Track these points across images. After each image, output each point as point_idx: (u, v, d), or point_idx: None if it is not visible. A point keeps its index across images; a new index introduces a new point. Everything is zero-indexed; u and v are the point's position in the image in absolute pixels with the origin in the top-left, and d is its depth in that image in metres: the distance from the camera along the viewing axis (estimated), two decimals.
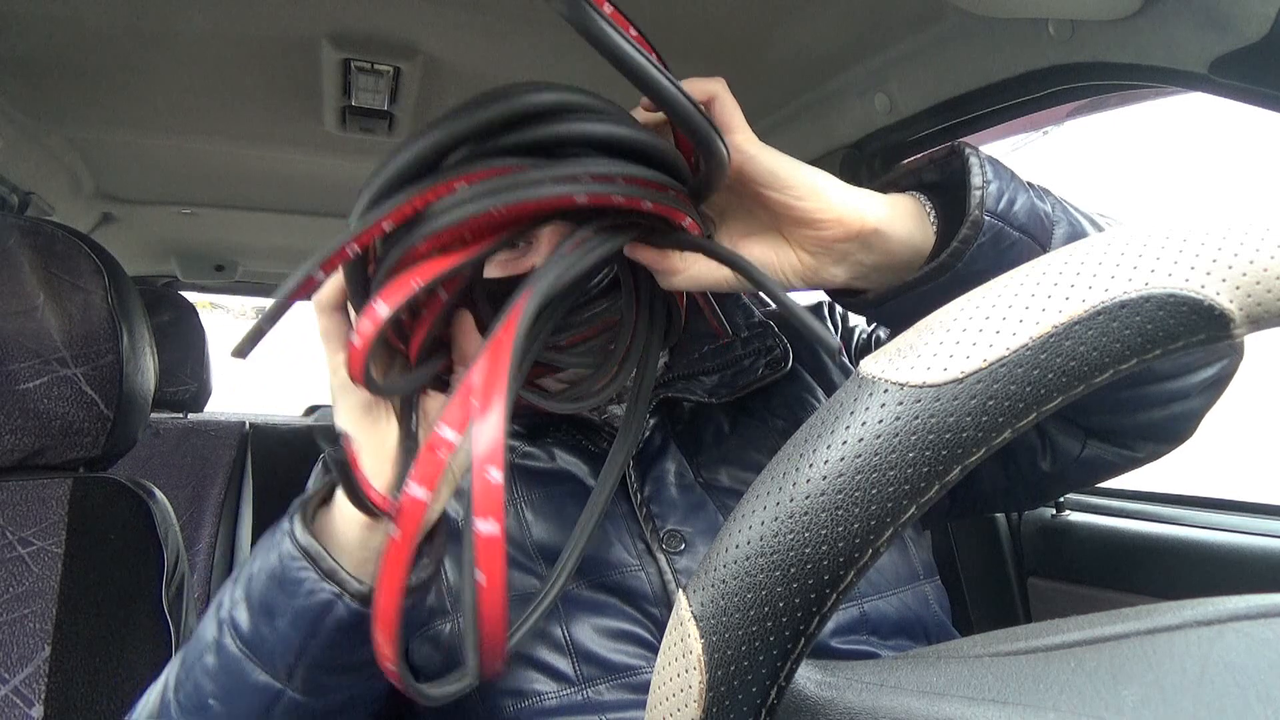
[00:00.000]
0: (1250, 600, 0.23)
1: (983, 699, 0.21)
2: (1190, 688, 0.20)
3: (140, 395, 0.69)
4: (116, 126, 1.05)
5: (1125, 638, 0.22)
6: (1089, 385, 0.18)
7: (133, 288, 0.70)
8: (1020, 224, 0.41)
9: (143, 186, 1.30)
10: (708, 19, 0.79)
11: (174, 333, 1.40)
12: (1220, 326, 0.18)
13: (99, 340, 0.65)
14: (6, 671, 0.57)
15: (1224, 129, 21.52)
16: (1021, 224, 0.41)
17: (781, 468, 0.20)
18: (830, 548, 0.19)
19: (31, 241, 0.65)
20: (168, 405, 1.43)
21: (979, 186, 0.40)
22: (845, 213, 0.40)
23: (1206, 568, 0.87)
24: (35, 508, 0.63)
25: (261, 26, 0.80)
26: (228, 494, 1.35)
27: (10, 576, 0.60)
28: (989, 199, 0.40)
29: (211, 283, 1.86)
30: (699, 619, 0.20)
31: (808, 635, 0.20)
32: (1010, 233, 0.40)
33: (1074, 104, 0.76)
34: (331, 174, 1.23)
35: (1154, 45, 0.58)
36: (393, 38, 0.83)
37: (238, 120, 1.05)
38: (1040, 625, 0.24)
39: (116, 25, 0.79)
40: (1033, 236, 0.41)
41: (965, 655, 0.23)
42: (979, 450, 0.18)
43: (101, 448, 0.67)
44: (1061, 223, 0.43)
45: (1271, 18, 0.49)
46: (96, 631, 0.61)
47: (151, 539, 0.66)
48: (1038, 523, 1.06)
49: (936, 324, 0.19)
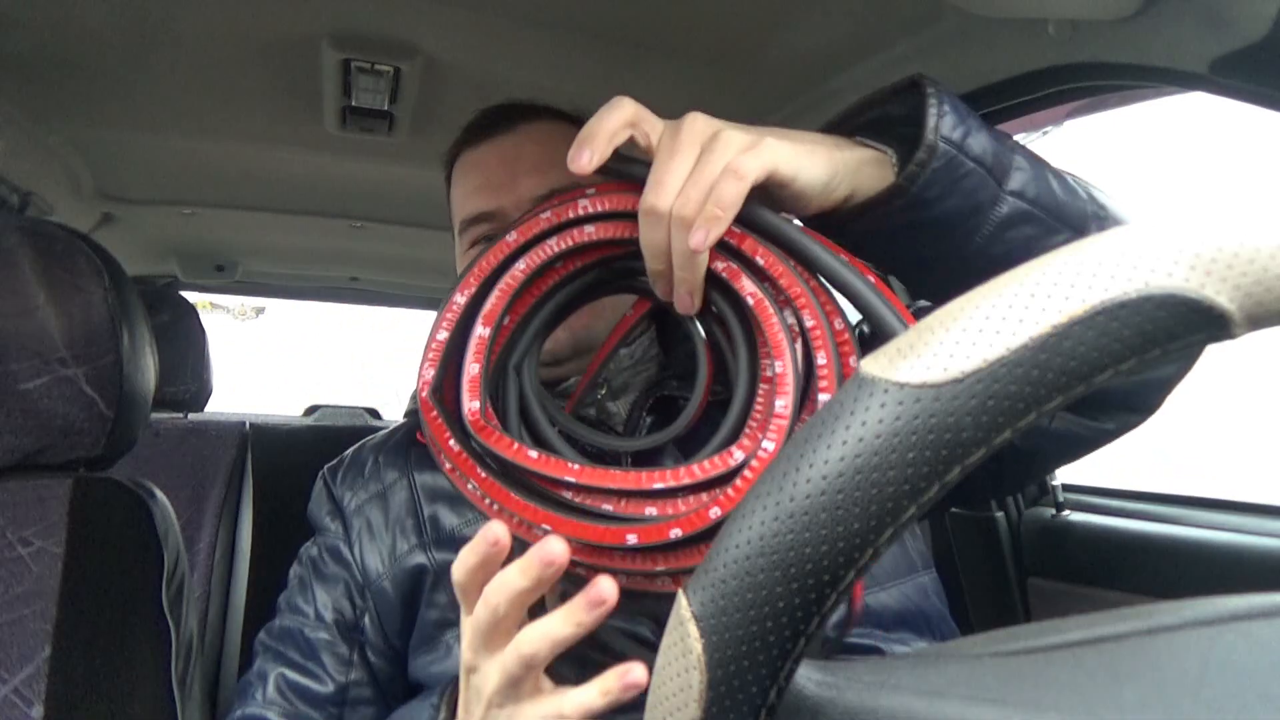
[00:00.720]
0: (1250, 600, 0.23)
1: (983, 699, 0.21)
2: (1190, 688, 0.20)
3: (140, 395, 0.69)
4: (116, 126, 1.05)
5: (1125, 638, 0.22)
6: (1089, 385, 0.18)
7: (133, 288, 0.70)
8: (975, 155, 0.42)
9: (143, 186, 1.30)
10: (708, 19, 0.79)
11: (174, 333, 1.40)
12: (1220, 326, 0.18)
13: (99, 340, 0.65)
14: (6, 671, 0.57)
15: (1224, 129, 21.51)
16: (976, 155, 0.42)
17: (781, 468, 0.20)
18: (830, 548, 0.19)
19: (31, 241, 0.65)
20: (168, 405, 1.43)
21: (934, 114, 0.41)
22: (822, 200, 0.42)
23: (1206, 568, 0.87)
24: (35, 508, 0.63)
25: (261, 26, 0.80)
26: (228, 494, 1.35)
27: (10, 576, 0.60)
28: (944, 126, 0.41)
29: (211, 283, 1.86)
30: (699, 619, 0.20)
31: (808, 635, 0.20)
32: (964, 161, 0.42)
33: (1074, 104, 0.76)
34: (331, 174, 1.23)
35: (1154, 45, 0.58)
36: (393, 38, 0.83)
37: (238, 120, 1.05)
38: (1040, 625, 0.24)
39: (116, 25, 0.79)
40: (987, 169, 0.42)
41: (965, 655, 0.23)
42: (979, 450, 0.18)
43: (102, 448, 0.67)
44: (1024, 168, 0.44)
45: (1271, 18, 0.49)
46: (96, 631, 0.61)
47: (151, 539, 0.66)
48: (1038, 523, 1.06)
49: (936, 324, 0.19)
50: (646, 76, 0.89)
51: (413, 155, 1.07)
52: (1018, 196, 0.43)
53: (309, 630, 0.62)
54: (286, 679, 0.60)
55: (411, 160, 1.10)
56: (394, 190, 1.27)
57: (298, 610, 0.63)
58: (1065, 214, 0.45)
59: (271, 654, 0.62)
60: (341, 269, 1.88)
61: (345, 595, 0.63)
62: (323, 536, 0.66)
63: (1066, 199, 0.45)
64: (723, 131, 0.39)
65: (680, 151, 0.39)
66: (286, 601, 0.65)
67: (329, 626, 0.62)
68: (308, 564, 0.65)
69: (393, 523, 0.62)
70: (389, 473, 0.65)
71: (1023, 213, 0.44)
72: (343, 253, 1.72)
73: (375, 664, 0.62)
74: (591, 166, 0.38)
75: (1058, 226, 0.45)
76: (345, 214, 1.42)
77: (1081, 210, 0.46)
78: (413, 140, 1.04)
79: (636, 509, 0.39)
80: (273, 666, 0.61)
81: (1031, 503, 1.09)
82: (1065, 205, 0.45)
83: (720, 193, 0.37)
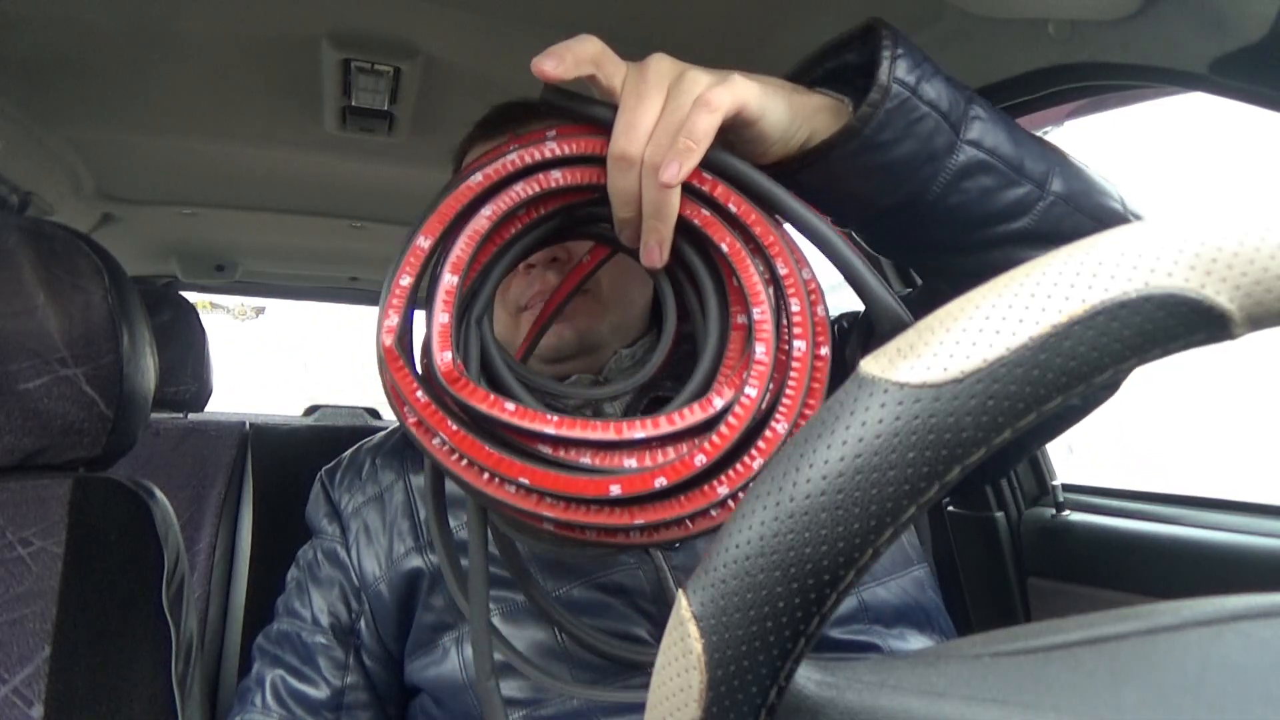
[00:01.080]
0: (1250, 600, 0.23)
1: (983, 699, 0.21)
2: (1190, 688, 0.20)
3: (140, 395, 0.69)
4: (116, 126, 1.05)
5: (1125, 638, 0.22)
6: (1089, 385, 0.18)
7: (133, 288, 0.70)
8: (929, 99, 0.41)
9: (143, 186, 1.30)
10: (708, 19, 0.79)
11: (174, 333, 1.40)
12: (1220, 326, 0.18)
13: (99, 340, 0.65)
14: (6, 671, 0.57)
15: (1225, 129, 21.51)
16: (931, 100, 0.41)
17: (781, 468, 0.20)
18: (830, 548, 0.19)
19: (31, 241, 0.65)
20: (168, 405, 1.43)
21: (888, 55, 0.41)
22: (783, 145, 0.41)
23: (1206, 568, 0.87)
24: (35, 508, 0.63)
25: (261, 26, 0.80)
26: (228, 494, 1.35)
27: (10, 576, 0.60)
28: (899, 69, 0.41)
29: (211, 283, 1.86)
30: (699, 619, 0.20)
31: (808, 635, 0.20)
32: (918, 104, 0.41)
33: (1074, 104, 0.76)
34: (331, 174, 1.23)
35: (1154, 45, 0.58)
36: (393, 38, 0.83)
37: (238, 120, 1.04)
38: (1040, 625, 0.24)
39: (116, 25, 0.79)
40: (942, 114, 0.42)
41: (965, 655, 0.23)
42: (979, 450, 0.18)
43: (102, 448, 0.67)
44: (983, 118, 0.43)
45: (1271, 18, 0.49)
46: (96, 631, 0.61)
47: (151, 539, 0.66)
48: (1038, 522, 1.06)
49: (936, 324, 0.19)
50: None
51: (413, 155, 1.07)
52: (975, 145, 0.42)
53: (305, 634, 0.62)
54: (283, 684, 0.60)
55: (411, 160, 1.10)
56: (394, 190, 1.26)
57: (295, 614, 0.64)
58: (1025, 167, 0.44)
59: (269, 658, 0.62)
60: (341, 269, 1.88)
61: (341, 598, 0.63)
62: (320, 539, 0.66)
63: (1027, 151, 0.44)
64: (689, 71, 0.39)
65: (648, 95, 0.38)
66: (284, 605, 0.65)
67: (325, 630, 0.62)
68: (305, 567, 0.65)
69: (389, 525, 0.62)
70: (386, 475, 0.65)
71: (980, 162, 0.43)
72: (343, 253, 1.72)
73: (371, 668, 0.62)
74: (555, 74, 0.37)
75: (1017, 179, 0.44)
76: (345, 214, 1.42)
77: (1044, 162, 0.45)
78: (413, 140, 1.04)
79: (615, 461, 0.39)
80: (270, 671, 0.61)
81: (1031, 503, 1.09)
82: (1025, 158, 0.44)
83: (692, 125, 0.37)
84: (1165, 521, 0.94)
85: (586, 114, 0.40)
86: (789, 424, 0.38)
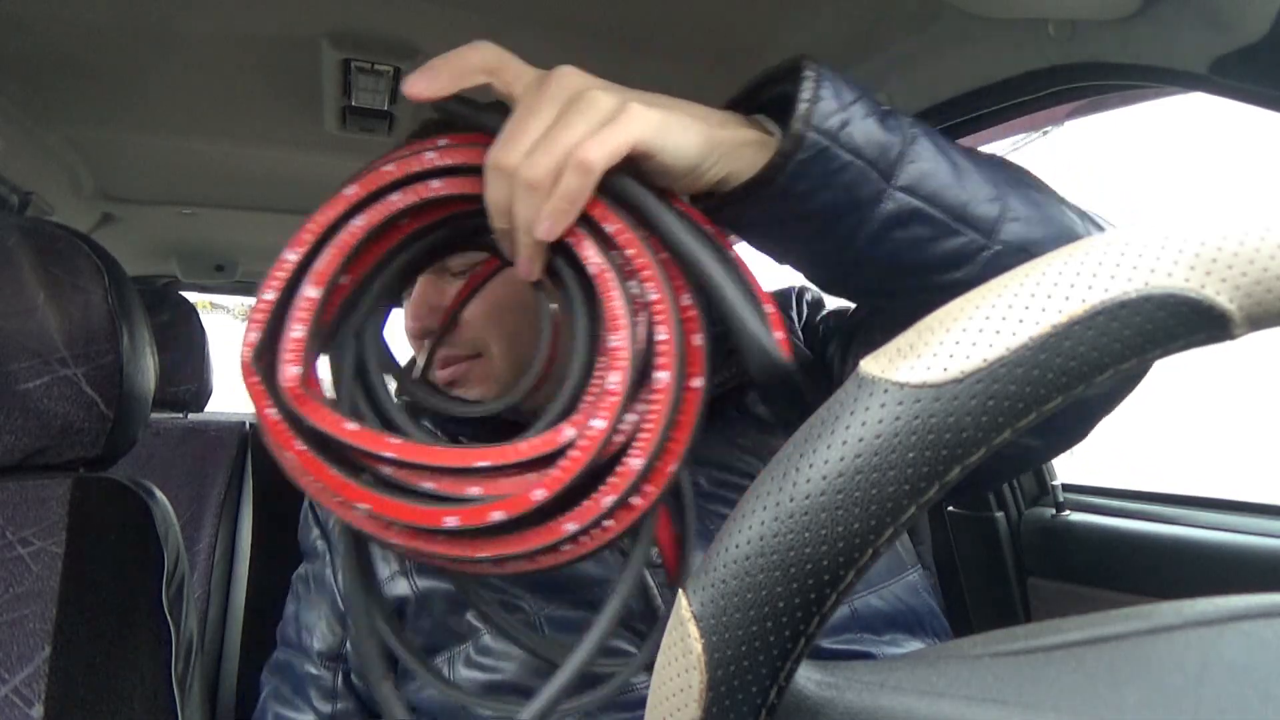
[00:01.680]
0: (1250, 600, 0.23)
1: (983, 699, 0.21)
2: (1190, 688, 0.20)
3: (140, 395, 0.69)
4: (116, 126, 1.05)
5: (1125, 638, 0.22)
6: (1089, 385, 0.18)
7: (133, 288, 0.70)
8: (853, 146, 0.38)
9: (143, 186, 1.30)
10: (708, 19, 0.79)
11: (174, 333, 1.40)
12: (1220, 326, 0.18)
13: (99, 340, 0.65)
14: (6, 671, 0.57)
15: (1225, 129, 21.35)
16: (854, 146, 0.38)
17: (781, 468, 0.20)
18: (830, 548, 0.19)
19: (31, 241, 0.65)
20: (168, 405, 1.42)
21: (806, 101, 0.37)
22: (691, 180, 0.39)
23: (1206, 568, 0.87)
24: (35, 508, 0.63)
25: (261, 26, 0.80)
26: (228, 494, 1.35)
27: (10, 576, 0.60)
28: (816, 114, 0.37)
29: (211, 283, 1.86)
30: (699, 619, 0.20)
31: (808, 635, 0.20)
32: (838, 153, 0.38)
33: (1074, 104, 0.76)
34: (331, 174, 1.22)
35: (1154, 45, 0.58)
36: (393, 38, 0.83)
37: (238, 120, 1.05)
38: (1040, 625, 0.24)
39: (116, 25, 0.79)
40: (869, 161, 0.38)
41: (965, 655, 0.23)
42: (979, 450, 0.18)
43: (101, 448, 0.67)
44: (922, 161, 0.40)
45: (1271, 18, 0.49)
46: (96, 631, 0.61)
47: (151, 539, 0.66)
48: (1038, 523, 1.06)
49: (936, 324, 0.19)
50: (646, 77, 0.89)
51: None
52: (908, 192, 0.39)
53: (296, 663, 0.63)
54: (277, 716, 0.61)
55: None
56: None
57: (288, 642, 0.64)
58: (970, 214, 0.40)
59: (269, 689, 0.63)
60: None
61: (328, 623, 0.63)
62: (309, 563, 0.66)
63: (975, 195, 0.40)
64: (589, 92, 0.36)
65: (539, 110, 0.36)
66: (280, 633, 0.66)
67: (314, 659, 0.62)
68: (296, 592, 0.66)
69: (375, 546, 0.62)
70: None
71: (913, 211, 0.39)
72: None
73: (362, 690, 0.62)
74: (423, 94, 0.36)
75: (956, 228, 0.40)
76: None
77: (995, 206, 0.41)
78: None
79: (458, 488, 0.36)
80: (270, 704, 0.62)
81: (1031, 503, 1.09)
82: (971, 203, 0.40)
83: (566, 186, 0.35)
84: (1165, 521, 0.94)
85: (477, 122, 0.39)
86: (645, 459, 0.35)
